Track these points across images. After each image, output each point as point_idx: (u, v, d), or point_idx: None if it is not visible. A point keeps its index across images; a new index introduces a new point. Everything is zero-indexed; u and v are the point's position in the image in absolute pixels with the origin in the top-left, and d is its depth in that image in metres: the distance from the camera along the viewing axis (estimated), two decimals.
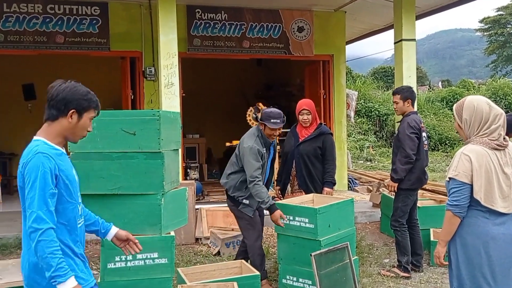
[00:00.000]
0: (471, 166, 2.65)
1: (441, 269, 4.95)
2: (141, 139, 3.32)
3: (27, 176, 2.10)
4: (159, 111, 3.33)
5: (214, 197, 8.17)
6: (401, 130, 4.77)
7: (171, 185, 3.56)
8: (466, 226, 2.72)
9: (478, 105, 2.73)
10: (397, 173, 4.76)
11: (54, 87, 2.24)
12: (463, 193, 2.67)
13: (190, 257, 5.46)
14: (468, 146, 2.73)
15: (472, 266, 2.71)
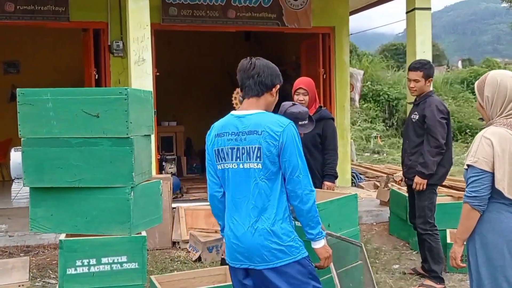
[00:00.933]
0: (493, 151, 2.66)
1: (459, 276, 5.02)
2: (106, 122, 3.29)
3: (288, 144, 2.69)
4: (127, 89, 3.30)
5: (194, 194, 8.19)
6: (429, 115, 4.65)
7: (142, 177, 3.55)
8: (486, 222, 2.74)
9: (502, 80, 2.74)
10: (427, 166, 4.65)
11: (252, 64, 2.78)
12: (483, 183, 2.68)
13: (166, 264, 5.47)
14: (489, 129, 2.74)
15: (493, 268, 2.73)
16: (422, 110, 4.73)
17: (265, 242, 2.68)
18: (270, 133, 2.69)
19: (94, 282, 3.35)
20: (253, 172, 2.71)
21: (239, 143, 2.76)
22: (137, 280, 3.41)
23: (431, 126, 4.63)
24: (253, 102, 2.81)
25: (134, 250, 3.38)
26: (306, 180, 2.74)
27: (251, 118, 2.75)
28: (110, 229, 3.36)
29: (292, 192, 2.73)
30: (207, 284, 4.19)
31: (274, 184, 2.71)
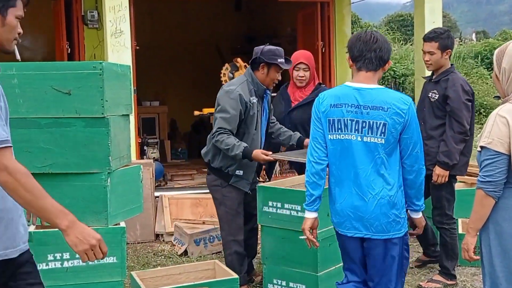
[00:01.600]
0: (509, 131, 2.66)
1: (471, 270, 5.06)
2: (79, 101, 3.28)
3: (412, 121, 3.00)
4: (102, 63, 3.28)
5: (179, 182, 8.18)
6: (454, 96, 4.51)
7: (120, 162, 3.55)
8: (501, 210, 2.75)
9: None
10: (451, 155, 4.52)
11: (374, 38, 3.09)
12: (498, 166, 2.69)
13: (148, 259, 5.49)
14: (506, 106, 2.74)
15: (509, 261, 2.75)
16: (443, 89, 4.59)
17: (386, 212, 3.05)
18: (396, 110, 2.99)
19: (68, 278, 3.36)
20: (375, 146, 3.02)
21: (360, 116, 3.05)
22: (116, 276, 3.42)
23: (456, 109, 4.51)
24: (370, 76, 3.10)
25: (112, 243, 3.35)
26: (422, 155, 3.12)
27: (372, 93, 3.05)
28: (85, 219, 3.28)
29: (409, 167, 3.08)
30: (194, 280, 4.21)
31: (393, 158, 3.05)
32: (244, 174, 4.33)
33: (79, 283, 3.37)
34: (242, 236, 4.46)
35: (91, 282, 3.39)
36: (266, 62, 4.33)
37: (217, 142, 4.25)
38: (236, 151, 4.17)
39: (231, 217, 4.46)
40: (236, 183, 4.41)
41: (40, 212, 2.20)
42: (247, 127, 4.34)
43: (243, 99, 4.28)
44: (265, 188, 4.29)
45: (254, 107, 4.34)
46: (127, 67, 3.71)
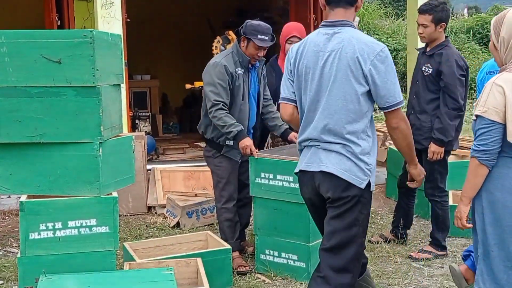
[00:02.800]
0: (505, 100, 2.65)
1: (462, 241, 5.11)
2: (69, 70, 3.24)
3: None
4: (92, 31, 3.24)
5: (171, 156, 8.18)
6: (448, 72, 4.48)
7: (112, 132, 3.53)
8: (495, 179, 2.77)
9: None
10: (446, 132, 4.50)
11: None
12: (492, 135, 2.69)
13: (141, 231, 5.50)
14: (502, 75, 2.74)
15: (501, 229, 2.77)
16: (437, 64, 4.55)
17: None
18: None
19: (60, 247, 3.35)
20: None
21: None
22: (108, 246, 3.42)
23: (450, 85, 4.47)
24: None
25: (104, 213, 3.38)
26: None
27: None
28: (76, 189, 3.35)
29: None
30: (186, 251, 4.24)
31: None
32: (234, 144, 4.35)
33: (71, 252, 3.36)
34: (232, 204, 4.48)
35: (84, 252, 3.37)
36: (245, 36, 4.33)
37: (214, 118, 4.28)
38: (231, 130, 4.23)
39: (222, 186, 4.49)
40: (227, 152, 4.46)
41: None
42: (234, 97, 4.37)
43: (228, 70, 4.32)
44: (257, 159, 4.29)
45: (239, 78, 4.38)
46: (118, 36, 3.66)
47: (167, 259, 3.89)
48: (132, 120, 8.40)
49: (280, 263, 4.31)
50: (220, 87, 4.28)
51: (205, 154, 4.65)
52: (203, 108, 4.52)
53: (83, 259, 3.38)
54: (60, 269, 3.32)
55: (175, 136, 10.17)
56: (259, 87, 4.60)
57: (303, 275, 4.19)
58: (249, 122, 4.51)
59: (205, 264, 3.83)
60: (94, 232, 3.38)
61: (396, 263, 4.61)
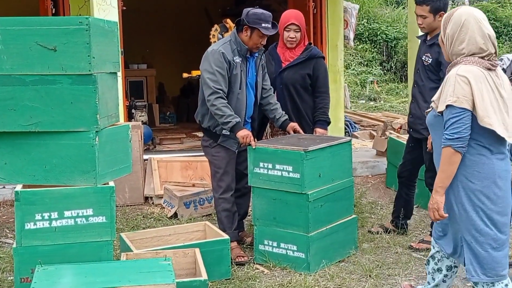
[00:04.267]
0: (471, 89, 2.86)
1: None
2: (65, 57, 3.23)
3: None
4: (88, 18, 3.22)
5: (168, 146, 8.17)
6: (446, 62, 4.51)
7: (108, 121, 3.52)
8: (469, 167, 2.95)
9: (466, 21, 2.97)
10: None
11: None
12: (464, 122, 2.88)
13: (137, 221, 5.50)
14: (461, 67, 2.95)
15: (483, 213, 2.96)
16: (437, 54, 4.53)
17: None
18: None
19: (56, 237, 3.36)
20: None
21: None
22: (105, 236, 3.43)
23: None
24: None
25: (101, 202, 3.39)
26: None
27: None
28: (73, 179, 3.35)
29: None
30: (184, 242, 4.24)
31: None
32: (231, 134, 4.34)
33: (68, 242, 3.37)
34: (230, 194, 4.49)
35: (80, 242, 3.38)
36: (249, 25, 4.31)
37: (213, 107, 4.27)
38: (229, 120, 4.24)
39: (220, 176, 4.49)
40: (224, 142, 4.46)
41: None
42: (231, 86, 4.38)
43: (226, 58, 4.32)
44: (256, 149, 4.28)
45: (237, 66, 4.38)
46: (114, 23, 3.64)
47: (165, 249, 3.90)
48: (128, 109, 8.39)
49: (279, 254, 4.32)
50: (218, 75, 4.28)
51: (203, 143, 4.65)
52: (200, 96, 4.51)
53: (79, 249, 3.39)
54: (57, 260, 3.33)
55: (172, 126, 10.14)
56: (257, 76, 4.59)
57: (302, 265, 4.20)
58: (246, 112, 4.50)
59: (203, 254, 3.84)
60: (90, 222, 3.39)
61: (397, 253, 4.61)
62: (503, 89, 2.97)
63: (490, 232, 2.97)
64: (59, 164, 3.33)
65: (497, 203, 2.96)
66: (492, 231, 2.97)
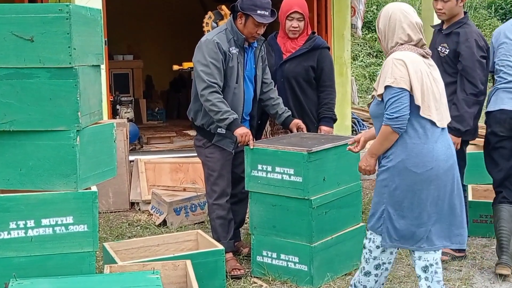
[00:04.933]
0: (407, 71, 3.27)
1: (482, 241, 5.14)
2: (43, 48, 3.23)
3: None
4: (69, 5, 3.22)
5: (156, 145, 8.17)
6: (466, 54, 4.46)
7: (91, 119, 3.52)
8: (406, 148, 3.32)
9: (393, 13, 3.41)
10: (464, 121, 4.47)
11: None
12: (403, 102, 3.26)
13: (122, 229, 5.51)
14: (397, 52, 3.36)
15: (412, 193, 3.32)
16: (454, 44, 4.54)
17: None
18: None
19: (33, 248, 3.35)
20: None
21: None
22: (87, 246, 3.42)
23: (469, 68, 4.45)
24: None
25: (82, 209, 3.38)
26: None
27: None
28: (51, 183, 3.34)
29: None
30: (174, 252, 4.24)
31: None
32: (227, 132, 4.35)
33: (45, 254, 3.36)
34: (225, 200, 4.50)
35: (59, 253, 3.37)
36: (243, 12, 4.32)
37: (207, 102, 4.27)
38: (225, 117, 4.24)
39: (214, 179, 4.50)
40: (219, 142, 4.46)
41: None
42: (227, 80, 4.38)
43: (222, 48, 4.32)
44: (254, 149, 4.29)
45: (234, 58, 4.38)
46: (98, 11, 3.64)
47: (153, 261, 3.89)
48: (112, 105, 8.40)
49: (279, 266, 4.32)
50: (213, 67, 4.27)
51: (195, 143, 4.65)
52: (193, 91, 4.51)
53: (58, 261, 3.38)
54: (33, 273, 3.32)
55: (161, 124, 10.16)
56: (256, 69, 4.59)
57: (305, 279, 4.21)
58: (244, 109, 4.50)
59: (195, 267, 3.84)
60: (70, 231, 3.37)
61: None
62: (437, 75, 3.44)
63: (414, 212, 3.33)
64: (36, 166, 3.32)
65: (429, 189, 3.31)
66: (415, 211, 3.33)
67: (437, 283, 3.38)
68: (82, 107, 3.32)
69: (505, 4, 19.39)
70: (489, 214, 5.23)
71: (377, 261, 3.51)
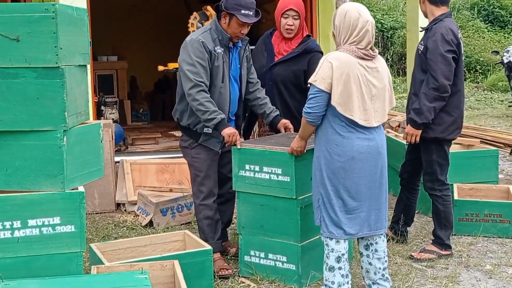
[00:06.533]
0: (332, 74, 3.63)
1: (468, 239, 5.18)
2: (29, 48, 3.22)
3: None
4: (55, 5, 3.21)
5: (142, 146, 8.16)
6: (431, 47, 4.56)
7: (78, 119, 3.51)
8: (331, 142, 3.74)
9: (348, 12, 3.71)
10: (421, 114, 4.56)
11: None
12: (318, 101, 3.70)
13: (108, 230, 5.50)
14: (333, 53, 3.75)
15: (337, 181, 3.75)
16: (427, 40, 4.66)
17: None
18: None
19: (20, 249, 3.33)
20: None
21: None
22: (74, 247, 3.41)
23: (432, 62, 4.54)
24: None
25: (69, 210, 3.37)
26: None
27: None
28: (38, 183, 3.33)
29: None
30: (161, 253, 4.22)
31: None
32: (213, 132, 4.34)
33: (32, 255, 3.34)
34: (212, 200, 4.50)
35: (46, 254, 3.35)
36: (227, 11, 4.32)
37: (195, 102, 4.25)
38: (213, 117, 4.22)
39: (201, 180, 4.49)
40: (205, 142, 4.45)
41: None
42: (212, 79, 4.37)
43: (207, 47, 4.31)
44: (241, 149, 4.28)
45: (219, 57, 4.37)
46: (84, 11, 3.63)
47: (140, 261, 3.86)
48: (97, 106, 8.37)
49: (267, 265, 4.33)
50: (199, 66, 4.27)
51: (181, 144, 4.65)
52: (178, 91, 4.50)
53: (45, 262, 3.36)
54: (20, 274, 3.30)
55: (146, 125, 10.14)
56: (241, 69, 4.58)
57: (293, 278, 4.21)
58: (230, 108, 4.49)
59: (183, 267, 3.82)
60: (57, 232, 3.36)
61: (396, 264, 4.65)
62: (374, 78, 3.73)
63: (339, 200, 3.76)
64: (23, 167, 3.31)
65: (353, 179, 3.73)
66: (340, 199, 3.76)
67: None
68: (69, 107, 3.31)
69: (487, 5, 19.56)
70: (474, 212, 5.28)
71: (336, 254, 3.80)
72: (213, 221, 4.50)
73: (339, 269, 3.81)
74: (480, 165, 6.04)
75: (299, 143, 4.01)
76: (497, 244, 5.08)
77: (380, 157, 3.82)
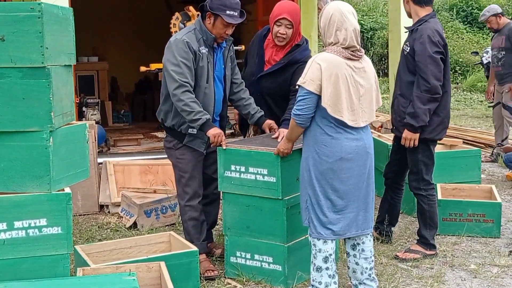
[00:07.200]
0: (321, 75, 3.64)
1: (452, 239, 5.22)
2: (14, 48, 3.20)
3: None
4: (41, 4, 3.19)
5: (124, 148, 8.13)
6: (419, 49, 4.59)
7: (63, 120, 3.49)
8: (319, 144, 3.76)
9: (333, 14, 3.72)
10: (417, 117, 4.57)
11: None
12: (307, 103, 3.71)
13: (92, 232, 5.47)
14: (320, 54, 3.76)
15: (325, 181, 3.77)
16: (413, 41, 4.67)
17: None
18: None
19: (6, 252, 3.31)
20: None
21: None
22: (61, 249, 3.39)
23: (421, 64, 4.56)
24: None
25: (55, 211, 3.35)
26: None
27: None
28: (24, 185, 3.31)
29: None
30: (147, 254, 4.21)
31: None
32: (198, 133, 4.34)
33: (18, 257, 3.32)
34: (197, 201, 4.49)
35: (33, 256, 3.33)
36: (212, 12, 4.31)
37: (180, 102, 4.23)
38: (198, 117, 4.20)
39: (185, 181, 4.48)
40: (190, 142, 4.45)
41: None
42: (197, 80, 4.36)
43: (192, 47, 4.30)
44: (227, 150, 4.28)
45: (203, 57, 4.37)
46: (69, 10, 3.62)
47: (126, 263, 3.85)
48: (78, 107, 8.32)
49: (253, 266, 4.33)
50: (184, 66, 4.26)
51: (165, 145, 4.63)
52: (162, 92, 4.48)
53: (32, 264, 3.34)
54: (6, 276, 3.28)
55: (127, 126, 10.11)
56: (225, 69, 4.58)
57: (279, 279, 4.22)
58: (214, 109, 4.49)
59: (169, 268, 3.81)
60: (44, 234, 3.34)
61: (382, 264, 4.67)
62: (361, 78, 3.76)
63: (327, 201, 3.78)
64: (8, 168, 3.28)
65: (341, 180, 3.76)
66: (329, 200, 3.78)
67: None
68: (55, 108, 3.29)
69: (466, 7, 19.73)
70: (458, 212, 5.32)
71: (323, 254, 3.82)
72: (198, 222, 4.50)
73: (326, 269, 3.82)
74: (463, 165, 6.09)
75: (286, 145, 4.02)
76: (480, 243, 5.13)
77: (368, 157, 3.85)
